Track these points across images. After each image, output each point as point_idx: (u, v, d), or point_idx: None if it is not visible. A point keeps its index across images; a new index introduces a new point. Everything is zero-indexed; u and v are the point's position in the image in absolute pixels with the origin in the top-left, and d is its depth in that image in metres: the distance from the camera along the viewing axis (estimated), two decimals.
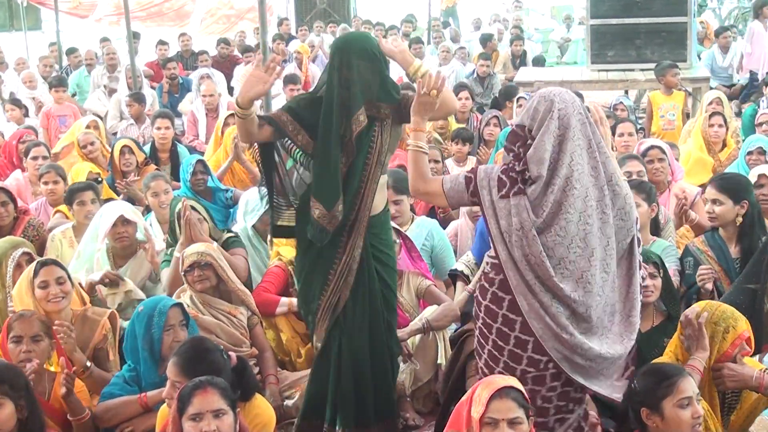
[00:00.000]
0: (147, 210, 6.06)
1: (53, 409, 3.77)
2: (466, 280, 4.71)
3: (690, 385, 3.13)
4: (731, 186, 4.53)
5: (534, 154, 3.09)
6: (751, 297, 3.92)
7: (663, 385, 3.11)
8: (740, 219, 4.48)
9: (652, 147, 5.77)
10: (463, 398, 3.08)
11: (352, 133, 3.64)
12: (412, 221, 5.30)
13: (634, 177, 5.11)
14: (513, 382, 3.02)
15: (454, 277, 4.86)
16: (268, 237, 5.22)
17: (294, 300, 4.68)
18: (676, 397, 3.09)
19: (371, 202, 3.74)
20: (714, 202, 4.51)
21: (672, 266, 4.52)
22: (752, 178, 5.10)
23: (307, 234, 3.73)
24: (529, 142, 3.12)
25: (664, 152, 5.72)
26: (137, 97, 9.53)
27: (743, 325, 3.50)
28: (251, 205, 5.36)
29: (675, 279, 4.47)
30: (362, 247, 3.75)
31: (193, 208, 4.88)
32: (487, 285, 3.27)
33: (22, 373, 3.44)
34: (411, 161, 3.36)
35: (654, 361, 3.55)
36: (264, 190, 3.86)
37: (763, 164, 5.73)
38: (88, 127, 7.96)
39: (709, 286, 4.24)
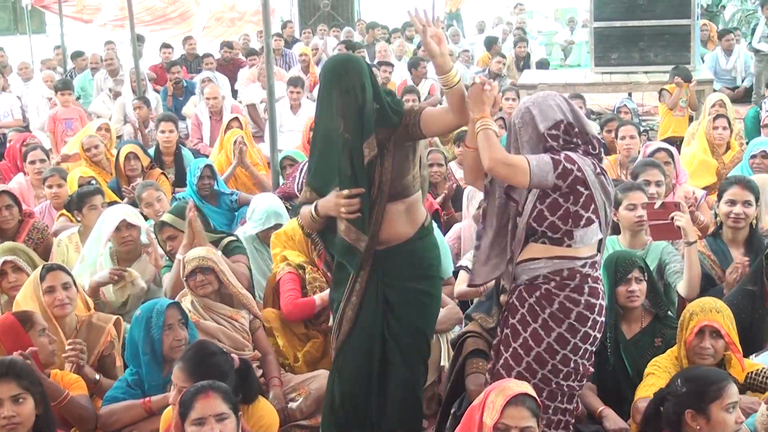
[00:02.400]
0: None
1: None
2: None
3: (735, 391, 3.19)
4: (755, 187, 4.56)
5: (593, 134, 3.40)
6: (750, 299, 3.93)
7: (712, 389, 3.14)
8: (754, 221, 4.52)
9: (659, 150, 5.71)
10: (475, 402, 3.09)
11: None
12: None
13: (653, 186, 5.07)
14: (527, 388, 3.04)
15: (457, 273, 4.88)
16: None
17: (325, 295, 4.59)
18: (724, 401, 3.13)
19: (376, 233, 3.57)
20: (745, 204, 4.46)
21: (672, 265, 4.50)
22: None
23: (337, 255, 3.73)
24: (576, 130, 3.33)
25: (671, 155, 5.67)
26: (145, 101, 9.59)
27: (711, 315, 3.58)
28: (256, 215, 5.37)
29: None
30: (367, 280, 3.64)
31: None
32: None
33: (32, 369, 3.44)
34: (484, 138, 3.26)
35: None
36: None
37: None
38: (99, 129, 8.00)
39: (735, 275, 4.21)
